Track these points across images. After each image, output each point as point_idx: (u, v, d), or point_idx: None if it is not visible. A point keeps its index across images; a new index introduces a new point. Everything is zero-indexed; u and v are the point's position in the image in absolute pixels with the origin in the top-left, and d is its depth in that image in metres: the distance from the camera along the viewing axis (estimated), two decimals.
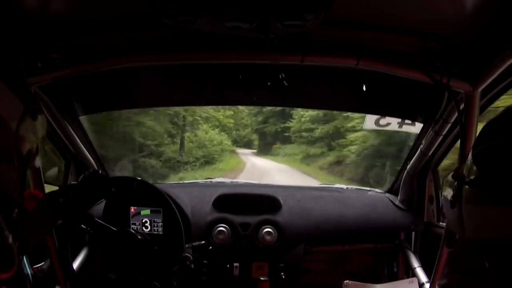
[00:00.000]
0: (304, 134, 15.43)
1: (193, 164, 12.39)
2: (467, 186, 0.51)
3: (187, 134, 13.33)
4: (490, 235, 0.46)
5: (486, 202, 0.47)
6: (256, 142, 20.04)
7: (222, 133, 15.75)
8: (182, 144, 12.81)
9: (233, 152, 17.24)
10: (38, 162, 0.65)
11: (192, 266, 1.46)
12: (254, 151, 19.40)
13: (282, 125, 17.19)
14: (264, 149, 18.71)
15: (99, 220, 1.37)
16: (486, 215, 0.48)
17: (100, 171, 1.29)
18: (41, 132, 0.65)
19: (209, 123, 14.79)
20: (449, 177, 0.58)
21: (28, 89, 0.64)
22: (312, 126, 14.76)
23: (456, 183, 0.55)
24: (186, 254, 1.45)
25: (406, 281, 1.51)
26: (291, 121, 16.10)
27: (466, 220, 0.51)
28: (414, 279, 1.51)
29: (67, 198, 1.13)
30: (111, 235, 1.40)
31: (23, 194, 0.63)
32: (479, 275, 0.48)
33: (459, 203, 0.53)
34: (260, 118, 18.38)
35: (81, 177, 1.22)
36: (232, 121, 16.74)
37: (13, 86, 0.58)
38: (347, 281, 1.48)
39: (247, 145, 19.81)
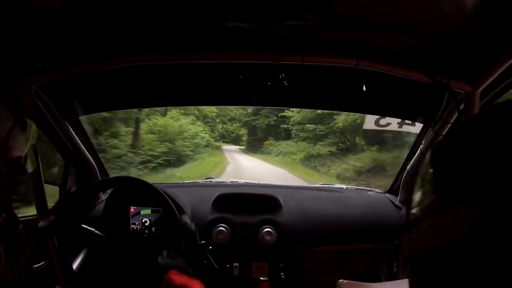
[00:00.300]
0: (310, 126, 11.44)
1: (144, 165, 8.53)
2: (421, 202, 0.51)
3: (146, 122, 9.80)
4: (438, 241, 0.46)
5: (437, 211, 0.47)
6: (244, 138, 17.38)
7: (199, 123, 12.31)
8: (136, 135, 9.40)
9: (218, 148, 14.28)
10: (28, 168, 0.67)
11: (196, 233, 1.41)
12: (242, 147, 16.86)
13: (277, 117, 14.09)
14: (254, 146, 16.00)
15: (94, 230, 1.39)
16: (435, 224, 0.47)
17: (71, 189, 1.29)
18: (31, 141, 0.67)
19: (182, 109, 11.11)
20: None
21: (17, 100, 0.65)
22: (333, 111, 9.18)
23: (405, 210, 0.55)
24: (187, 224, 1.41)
25: (403, 281, 1.50)
26: (290, 110, 12.57)
27: (416, 238, 0.51)
28: None
29: (52, 225, 1.16)
30: (111, 238, 1.40)
31: (11, 200, 0.65)
32: (433, 282, 0.48)
33: (407, 229, 0.53)
34: (250, 110, 15.60)
35: (56, 204, 1.25)
36: (215, 110, 13.42)
37: (2, 98, 0.60)
38: (341, 280, 1.47)
39: (235, 141, 17.25)
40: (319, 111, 10.78)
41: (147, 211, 1.56)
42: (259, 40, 1.12)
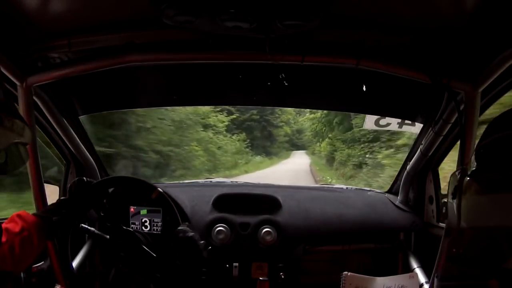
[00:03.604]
0: None
1: None
2: (467, 179, 0.56)
3: None
4: (481, 223, 0.51)
5: (480, 191, 0.52)
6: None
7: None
8: None
9: None
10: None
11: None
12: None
13: None
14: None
15: (94, 230, 1.40)
16: (480, 205, 0.53)
17: (85, 178, 1.31)
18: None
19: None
20: (457, 173, 0.63)
21: None
22: None
23: (459, 176, 0.59)
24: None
25: (406, 275, 1.51)
26: None
27: (463, 210, 0.55)
28: (415, 274, 1.52)
29: (60, 215, 1.18)
30: (110, 238, 1.40)
31: None
32: (471, 262, 0.52)
33: (459, 194, 0.57)
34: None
35: (68, 189, 1.28)
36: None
37: None
38: (346, 272, 1.48)
39: None
40: None
41: (147, 211, 1.56)
42: (259, 40, 1.12)
